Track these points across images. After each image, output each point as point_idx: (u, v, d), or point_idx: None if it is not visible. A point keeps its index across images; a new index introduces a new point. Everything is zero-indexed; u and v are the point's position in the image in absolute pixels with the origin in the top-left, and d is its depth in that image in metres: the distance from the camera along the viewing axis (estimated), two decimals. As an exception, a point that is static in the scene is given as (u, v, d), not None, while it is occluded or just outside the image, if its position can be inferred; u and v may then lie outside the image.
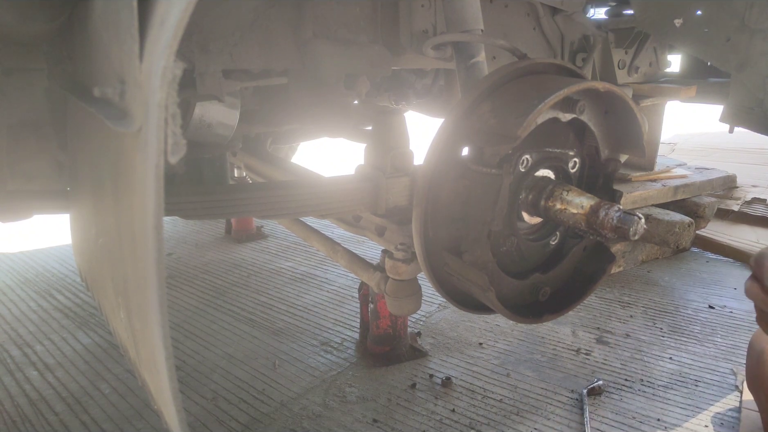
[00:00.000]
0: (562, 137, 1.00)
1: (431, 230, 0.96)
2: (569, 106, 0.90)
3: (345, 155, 4.93)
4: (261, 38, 1.31)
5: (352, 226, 1.70)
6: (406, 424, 1.84)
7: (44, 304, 2.74)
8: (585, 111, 0.92)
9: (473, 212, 0.94)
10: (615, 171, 1.03)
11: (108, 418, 1.88)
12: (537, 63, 0.98)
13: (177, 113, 0.46)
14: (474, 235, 0.95)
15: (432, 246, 0.97)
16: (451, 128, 0.93)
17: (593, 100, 0.93)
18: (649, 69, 2.68)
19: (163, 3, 0.49)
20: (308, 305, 2.71)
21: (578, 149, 1.02)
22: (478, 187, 0.92)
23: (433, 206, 0.95)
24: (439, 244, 0.96)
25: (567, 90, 0.86)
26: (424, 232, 0.96)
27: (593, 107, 0.94)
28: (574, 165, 1.03)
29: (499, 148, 0.88)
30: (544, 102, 0.84)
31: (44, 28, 1.00)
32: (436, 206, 0.95)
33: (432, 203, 0.95)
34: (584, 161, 1.03)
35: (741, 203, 3.73)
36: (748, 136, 3.57)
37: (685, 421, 1.84)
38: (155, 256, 0.51)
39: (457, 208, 0.94)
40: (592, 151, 1.02)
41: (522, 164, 0.95)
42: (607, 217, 0.89)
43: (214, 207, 1.30)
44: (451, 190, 0.94)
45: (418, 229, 0.96)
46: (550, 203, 0.95)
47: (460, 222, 0.95)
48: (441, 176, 0.93)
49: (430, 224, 0.96)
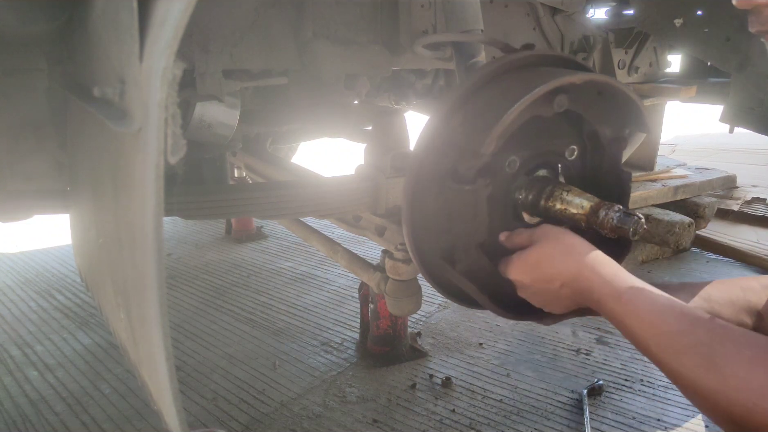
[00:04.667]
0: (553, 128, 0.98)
1: (425, 242, 0.96)
2: (547, 103, 0.88)
3: (345, 155, 4.93)
4: (261, 38, 1.31)
5: (352, 226, 1.69)
6: (406, 425, 1.84)
7: (44, 304, 2.74)
8: (566, 104, 0.90)
9: (456, 225, 0.94)
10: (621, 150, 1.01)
11: (108, 418, 1.88)
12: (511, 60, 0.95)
13: (177, 113, 0.46)
14: (463, 245, 0.95)
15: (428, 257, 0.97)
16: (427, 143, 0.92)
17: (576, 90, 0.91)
18: (649, 69, 2.68)
19: (163, 3, 0.49)
20: (308, 305, 2.70)
21: (576, 136, 1.00)
22: (457, 202, 0.92)
23: (422, 221, 0.94)
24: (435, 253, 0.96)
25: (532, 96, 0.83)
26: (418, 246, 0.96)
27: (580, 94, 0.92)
28: (572, 153, 1.01)
29: (470, 164, 0.87)
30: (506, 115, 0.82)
31: (44, 29, 1.00)
32: (424, 221, 0.94)
33: (419, 219, 0.94)
34: (585, 146, 1.01)
35: (741, 203, 3.73)
36: (748, 137, 3.57)
37: (685, 421, 1.84)
38: (155, 257, 0.51)
39: (442, 222, 0.94)
40: (592, 135, 0.99)
41: (508, 166, 0.94)
42: (607, 217, 0.89)
43: (214, 207, 1.30)
44: (433, 205, 0.93)
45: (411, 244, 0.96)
46: (550, 203, 0.95)
47: (447, 234, 0.95)
48: (423, 192, 0.93)
49: (423, 237, 0.96)
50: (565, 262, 0.86)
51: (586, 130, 0.99)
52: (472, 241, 0.95)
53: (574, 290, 0.86)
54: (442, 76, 2.01)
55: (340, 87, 1.47)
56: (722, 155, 4.94)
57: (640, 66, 2.63)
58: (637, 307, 0.77)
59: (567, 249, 0.87)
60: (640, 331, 0.76)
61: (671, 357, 0.72)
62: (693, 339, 0.71)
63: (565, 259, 0.86)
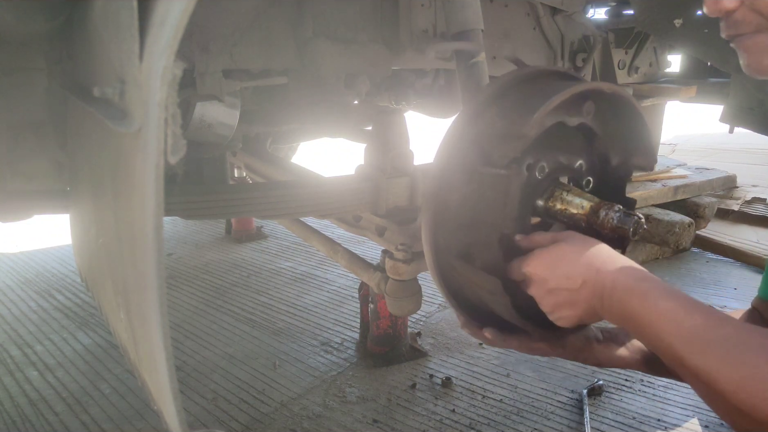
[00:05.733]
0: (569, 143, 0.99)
1: (441, 238, 0.95)
2: (576, 109, 0.89)
3: (345, 155, 4.93)
4: (261, 38, 1.31)
5: (352, 226, 1.70)
6: (406, 425, 1.84)
7: (44, 304, 2.74)
8: (592, 114, 0.91)
9: (483, 216, 0.93)
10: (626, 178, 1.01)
11: (108, 418, 1.88)
12: (540, 70, 0.97)
13: (177, 113, 0.46)
14: (484, 239, 0.94)
15: (443, 254, 0.96)
16: (458, 134, 0.92)
17: (599, 103, 0.92)
18: (649, 69, 2.68)
19: (163, 3, 0.48)
20: (308, 305, 2.70)
21: (587, 156, 1.01)
22: (487, 189, 0.91)
23: (442, 215, 0.93)
24: (449, 252, 0.95)
25: (573, 89, 0.86)
26: (434, 241, 0.95)
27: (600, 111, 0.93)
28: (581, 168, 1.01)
29: (508, 148, 0.87)
30: (551, 99, 0.84)
31: (44, 28, 1.00)
32: (445, 214, 0.93)
33: (441, 212, 0.93)
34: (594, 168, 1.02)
35: (741, 203, 3.73)
36: (748, 137, 3.58)
37: (685, 421, 1.84)
38: (155, 256, 0.51)
39: (467, 214, 0.93)
40: (602, 157, 1.00)
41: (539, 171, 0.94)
42: (608, 217, 0.89)
43: (214, 207, 1.30)
44: (459, 196, 0.92)
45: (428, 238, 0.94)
46: (550, 203, 0.95)
47: (469, 228, 0.94)
48: (448, 184, 0.92)
49: (441, 233, 0.94)
50: (589, 259, 0.85)
51: (597, 151, 1.00)
52: (495, 234, 0.93)
53: (593, 289, 0.84)
54: (442, 75, 2.01)
55: (340, 86, 1.47)
56: (722, 155, 4.94)
57: (640, 66, 2.64)
58: (662, 304, 0.76)
59: (594, 250, 0.86)
60: (664, 326, 0.74)
61: (696, 352, 0.71)
62: (720, 334, 0.70)
63: (590, 257, 0.85)
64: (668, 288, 0.79)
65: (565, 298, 0.87)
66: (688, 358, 0.71)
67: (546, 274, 0.87)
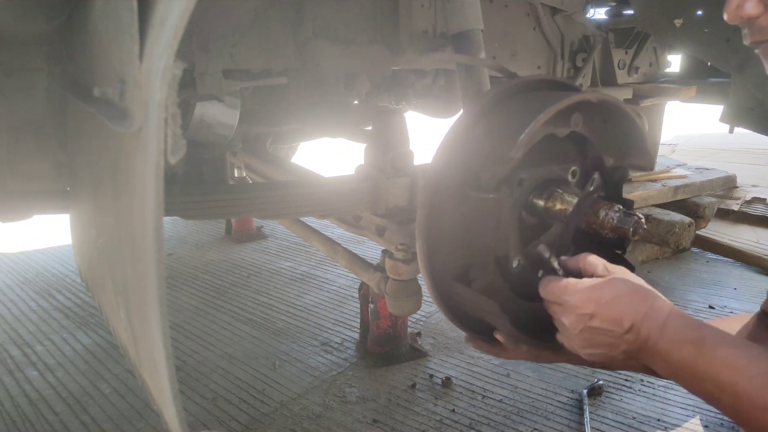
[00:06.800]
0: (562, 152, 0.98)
1: (438, 261, 0.94)
2: (563, 121, 0.89)
3: (345, 155, 4.93)
4: (261, 38, 1.31)
5: (352, 226, 1.70)
6: (406, 425, 1.84)
7: (44, 304, 2.74)
8: (581, 123, 0.91)
9: (477, 238, 0.92)
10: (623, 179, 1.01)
11: (108, 418, 1.88)
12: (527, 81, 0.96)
13: (177, 113, 0.46)
14: (480, 261, 0.93)
15: (440, 277, 0.95)
16: (447, 155, 0.91)
17: (588, 110, 0.92)
18: (649, 69, 2.68)
19: (163, 3, 0.48)
20: (308, 305, 2.70)
21: (581, 162, 1.01)
22: (478, 213, 0.91)
23: (437, 236, 0.92)
24: (447, 274, 0.94)
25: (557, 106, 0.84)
26: (431, 265, 0.94)
27: (589, 118, 0.93)
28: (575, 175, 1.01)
29: (496, 170, 0.87)
30: (536, 119, 0.83)
31: (44, 28, 1.00)
32: (439, 236, 0.92)
33: (435, 233, 0.92)
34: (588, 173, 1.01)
35: (741, 203, 3.73)
36: (748, 137, 3.57)
37: (685, 421, 1.84)
38: (155, 256, 0.51)
39: (461, 235, 0.92)
40: (596, 161, 1.00)
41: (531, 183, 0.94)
42: (607, 217, 0.89)
43: (214, 207, 1.30)
44: (452, 217, 0.92)
45: (425, 262, 0.93)
46: (550, 204, 0.95)
47: (465, 249, 0.93)
48: (441, 205, 0.92)
49: (437, 256, 0.94)
50: (640, 303, 0.81)
51: (591, 156, 0.99)
52: (491, 256, 0.93)
53: (637, 336, 0.80)
54: (442, 75, 2.01)
55: (340, 87, 1.47)
56: (722, 155, 4.93)
57: (640, 66, 2.63)
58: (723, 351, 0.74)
59: (644, 294, 0.83)
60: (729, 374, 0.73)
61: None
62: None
63: (640, 301, 0.81)
64: (718, 330, 0.77)
65: (606, 340, 0.82)
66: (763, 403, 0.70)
67: (593, 311, 0.82)
